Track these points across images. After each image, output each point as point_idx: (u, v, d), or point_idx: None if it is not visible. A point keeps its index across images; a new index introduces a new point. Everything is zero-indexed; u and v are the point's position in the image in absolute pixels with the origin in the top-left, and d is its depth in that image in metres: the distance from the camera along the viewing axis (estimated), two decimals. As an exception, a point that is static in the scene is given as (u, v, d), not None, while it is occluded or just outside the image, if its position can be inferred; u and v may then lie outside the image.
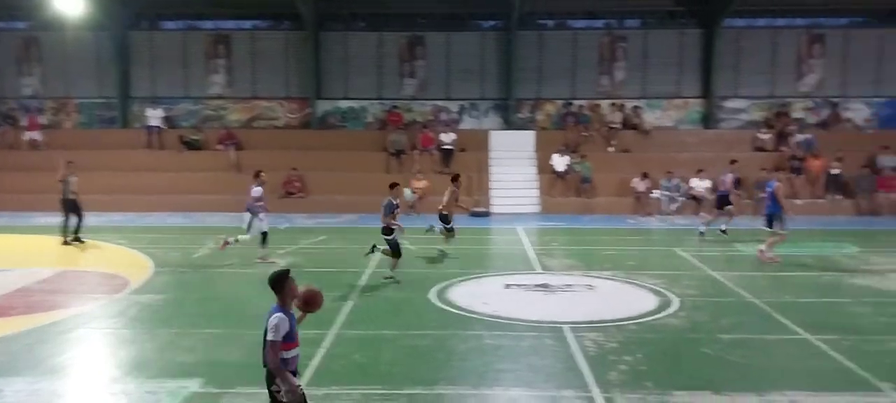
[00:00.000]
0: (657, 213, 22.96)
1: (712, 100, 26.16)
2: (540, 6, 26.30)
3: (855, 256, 15.99)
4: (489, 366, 9.05)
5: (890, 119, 26.17)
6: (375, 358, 9.33)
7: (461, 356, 9.51)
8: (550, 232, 20.11)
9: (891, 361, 9.19)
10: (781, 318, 11.09)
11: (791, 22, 26.50)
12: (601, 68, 26.82)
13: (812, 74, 26.34)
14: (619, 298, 12.60)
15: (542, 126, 26.78)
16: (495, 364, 9.13)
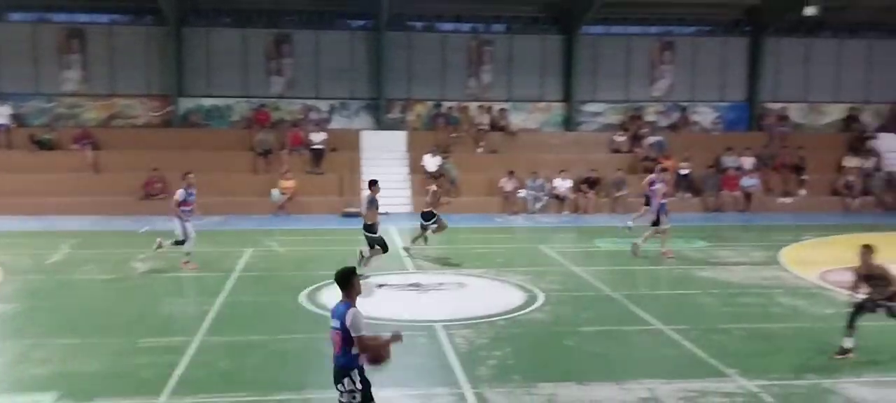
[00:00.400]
0: (523, 212, 23.67)
1: (573, 103, 27.23)
2: (408, 8, 26.50)
3: (703, 250, 17.12)
4: (361, 367, 9.08)
5: (733, 122, 28.15)
6: (242, 364, 9.15)
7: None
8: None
9: (736, 348, 9.94)
10: (638, 310, 11.74)
11: (644, 30, 28.00)
12: (469, 71, 27.33)
13: (663, 80, 27.94)
14: (489, 295, 12.94)
15: (413, 126, 26.99)
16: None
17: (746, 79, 27.85)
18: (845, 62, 28.21)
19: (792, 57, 28.00)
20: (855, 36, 28.28)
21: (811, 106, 28.41)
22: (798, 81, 28.20)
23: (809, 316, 11.57)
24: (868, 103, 28.49)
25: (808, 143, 26.64)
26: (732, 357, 9.45)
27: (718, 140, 26.89)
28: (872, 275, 9.30)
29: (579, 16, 25.98)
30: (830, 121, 28.50)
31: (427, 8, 26.89)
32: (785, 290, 13.18)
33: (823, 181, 25.71)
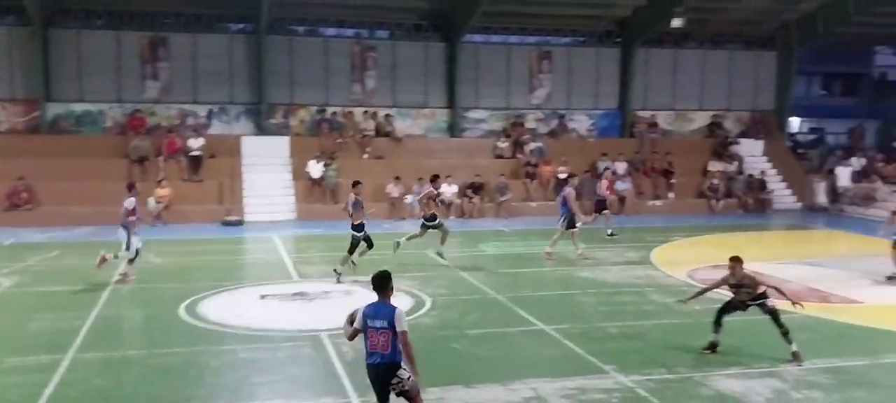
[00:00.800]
0: (410, 217, 23.78)
1: (457, 110, 27.63)
2: (290, 12, 26.13)
3: (582, 252, 17.72)
4: (244, 381, 8.91)
5: (607, 129, 29.31)
6: (118, 381, 8.81)
7: (214, 372, 9.27)
8: (307, 240, 20.09)
9: (613, 345, 10.40)
10: (521, 312, 12.07)
11: (522, 39, 28.77)
12: (353, 76, 27.23)
13: (542, 88, 28.79)
14: (375, 302, 12.93)
15: (296, 132, 26.61)
16: (251, 377, 9.01)
17: (618, 87, 29.08)
18: (709, 72, 29.96)
19: (660, 67, 29.47)
20: (717, 47, 30.09)
21: (678, 113, 30.00)
22: (666, 90, 29.72)
23: (678, 313, 12.18)
24: (730, 111, 30.35)
25: (676, 149, 28.11)
26: (610, 353, 9.88)
27: (593, 146, 27.95)
28: (742, 285, 9.79)
29: (461, 24, 26.40)
30: (696, 128, 30.16)
31: (309, 12, 26.60)
32: (657, 289, 13.86)
33: (690, 184, 27.19)
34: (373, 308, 6.73)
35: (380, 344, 6.62)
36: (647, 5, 26.84)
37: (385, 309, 6.68)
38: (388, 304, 6.72)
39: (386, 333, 6.59)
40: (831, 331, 11.39)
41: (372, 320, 6.67)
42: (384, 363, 6.64)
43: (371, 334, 6.66)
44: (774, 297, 9.81)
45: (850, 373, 9.30)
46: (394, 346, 6.60)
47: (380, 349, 6.63)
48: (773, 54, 30.26)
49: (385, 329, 6.59)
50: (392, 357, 6.63)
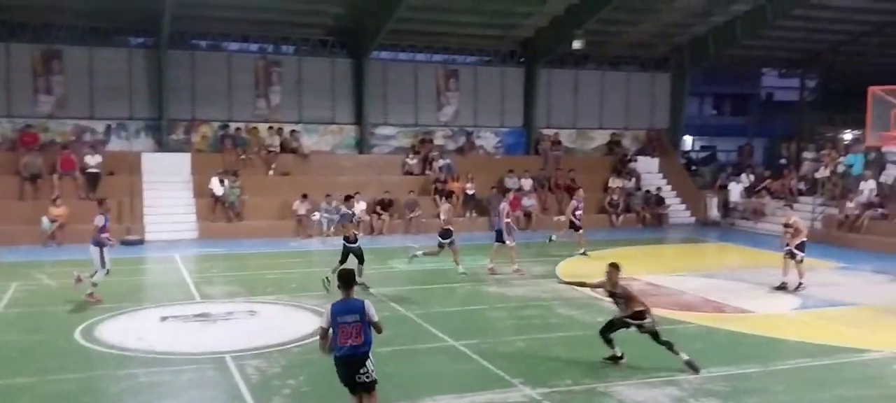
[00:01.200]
0: (318, 235, 23.55)
1: (365, 126, 27.59)
2: (192, 26, 25.54)
3: (491, 267, 17.96)
4: (146, 405, 8.62)
5: (513, 146, 29.91)
6: (10, 411, 8.37)
7: (113, 398, 8.95)
8: (210, 259, 19.58)
9: (520, 359, 10.58)
10: (431, 328, 12.13)
11: (429, 57, 29.06)
12: (258, 92, 26.81)
13: (449, 106, 29.12)
14: (282, 322, 12.76)
15: (198, 148, 25.96)
16: (152, 402, 8.72)
17: (523, 106, 29.74)
18: (607, 92, 31.03)
19: (562, 86, 30.33)
20: (615, 68, 31.21)
21: (579, 131, 30.89)
22: (568, 109, 30.59)
23: (583, 325, 12.55)
24: (628, 129, 31.48)
25: (579, 166, 28.91)
26: (517, 367, 10.06)
27: (500, 163, 28.43)
28: (616, 294, 10.03)
29: (368, 41, 26.42)
30: (596, 146, 31.14)
31: (212, 27, 26.06)
32: (562, 302, 14.19)
33: (592, 200, 27.89)
34: (341, 305, 7.30)
35: (352, 336, 7.20)
36: (549, 27, 27.59)
37: (354, 303, 7.31)
38: (356, 299, 7.37)
39: (357, 326, 7.20)
40: (725, 340, 11.94)
41: (342, 316, 7.23)
42: (355, 353, 7.22)
43: (342, 329, 7.20)
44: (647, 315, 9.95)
45: (745, 380, 9.77)
46: (365, 337, 7.23)
47: (352, 340, 7.20)
48: (667, 75, 31.60)
49: (357, 322, 7.21)
50: (363, 347, 7.24)
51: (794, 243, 15.57)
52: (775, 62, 35.78)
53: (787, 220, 16.18)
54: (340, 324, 7.22)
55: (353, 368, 7.26)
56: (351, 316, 7.22)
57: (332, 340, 7.31)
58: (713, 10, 27.04)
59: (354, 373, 7.27)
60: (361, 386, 7.31)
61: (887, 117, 17.42)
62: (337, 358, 7.32)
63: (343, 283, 7.45)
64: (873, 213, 23.08)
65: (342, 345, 7.23)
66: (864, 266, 18.93)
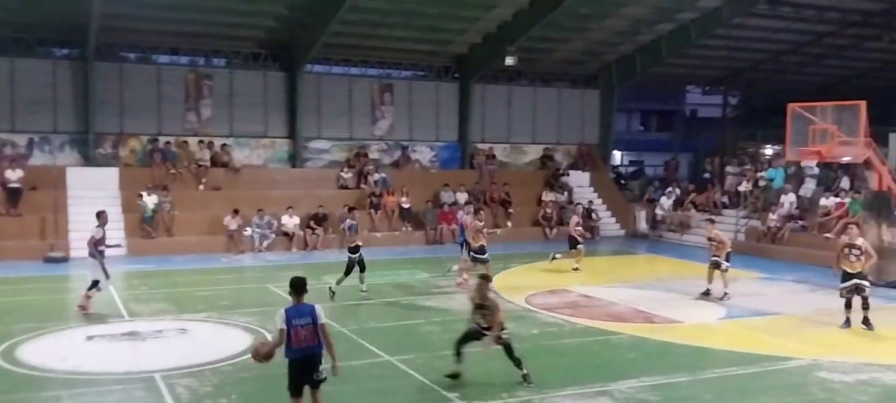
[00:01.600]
0: (250, 251, 23.19)
1: (298, 140, 27.33)
2: (120, 38, 24.92)
3: (425, 281, 18.04)
4: (72, 428, 8.35)
5: (448, 160, 30.07)
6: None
7: (302, 351, 8.62)
8: (139, 276, 19.06)
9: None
10: (366, 344, 12.08)
11: (364, 71, 29.00)
12: (188, 105, 26.29)
13: (384, 119, 29.11)
14: (214, 340, 12.53)
15: (126, 162, 25.28)
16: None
17: (458, 120, 29.95)
18: (540, 108, 31.52)
19: (496, 102, 30.68)
20: (547, 85, 31.72)
21: (513, 146, 31.27)
22: (502, 124, 30.95)
23: (518, 338, 12.60)
24: (559, 144, 32.01)
25: (513, 180, 29.25)
26: (454, 381, 10.10)
27: (436, 177, 28.55)
28: (484, 306, 9.97)
29: (301, 54, 26.22)
30: (530, 160, 31.55)
31: (141, 39, 25.46)
32: (497, 316, 14.30)
33: (526, 213, 28.37)
34: (294, 309, 7.79)
35: (306, 338, 7.68)
36: (482, 44, 27.92)
37: (306, 307, 7.81)
38: (307, 304, 7.85)
39: (310, 328, 7.69)
40: (656, 350, 12.25)
41: (296, 319, 7.69)
42: (312, 352, 7.74)
43: (296, 331, 7.64)
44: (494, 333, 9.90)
45: (675, 389, 10.05)
46: (317, 338, 7.73)
47: (307, 342, 7.69)
48: (596, 92, 32.30)
49: (309, 324, 7.69)
50: (318, 347, 7.77)
51: (722, 254, 16.11)
52: (699, 80, 36.95)
53: (709, 234, 16.79)
54: (295, 327, 7.64)
55: (310, 368, 7.73)
56: (304, 319, 7.70)
57: (286, 344, 7.69)
58: (639, 29, 27.81)
59: (312, 372, 7.75)
60: (314, 384, 7.81)
61: (806, 133, 18.19)
62: (293, 361, 7.73)
63: (294, 289, 7.88)
64: (793, 225, 24.02)
65: (297, 348, 7.65)
66: (786, 276, 19.68)
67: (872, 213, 18.56)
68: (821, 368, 11.00)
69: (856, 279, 13.34)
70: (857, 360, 11.37)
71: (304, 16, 24.60)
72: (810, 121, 18.08)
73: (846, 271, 13.49)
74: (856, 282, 13.34)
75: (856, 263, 13.38)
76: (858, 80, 34.38)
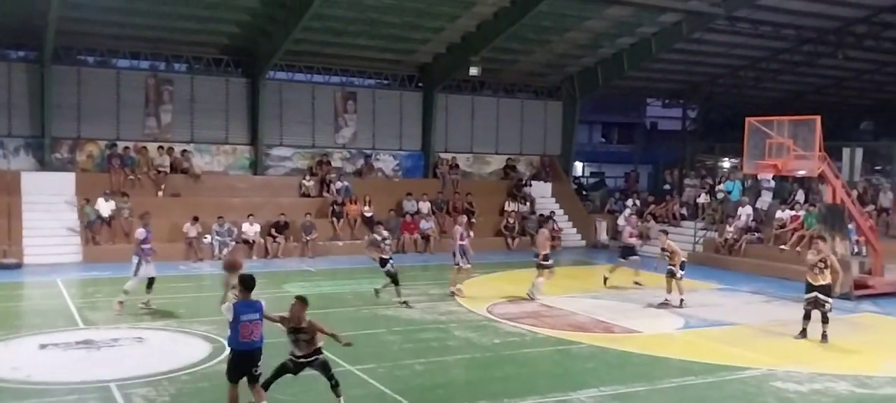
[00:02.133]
0: (209, 258, 22.90)
1: (260, 147, 27.10)
2: (78, 41, 24.50)
3: (386, 290, 17.93)
4: (23, 439, 8.16)
5: (411, 169, 30.06)
6: None
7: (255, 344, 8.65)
8: (95, 283, 18.70)
9: (417, 382, 10.63)
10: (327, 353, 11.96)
11: (327, 79, 28.89)
12: (147, 110, 25.92)
13: (347, 128, 29.01)
14: (171, 349, 12.34)
15: (83, 168, 24.82)
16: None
17: (421, 130, 29.98)
18: (503, 118, 31.70)
19: (459, 111, 30.77)
20: (510, 95, 31.92)
21: (476, 156, 31.39)
22: (465, 134, 31.04)
23: (480, 347, 12.73)
24: (522, 155, 32.22)
25: (476, 190, 29.34)
26: (415, 391, 10.10)
27: (399, 185, 28.51)
28: (301, 329, 8.83)
29: (263, 61, 26.02)
30: (493, 170, 31.72)
31: (99, 43, 25.03)
32: (459, 324, 14.35)
33: (489, 223, 28.45)
34: (244, 305, 8.34)
35: (253, 333, 8.26)
36: (446, 54, 28.01)
37: (255, 304, 8.38)
38: (256, 301, 8.42)
39: (257, 323, 8.24)
40: (615, 359, 12.37)
41: (245, 314, 8.23)
42: (254, 347, 8.33)
43: (243, 326, 8.19)
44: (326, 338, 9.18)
45: (633, 399, 10.15)
46: (261, 334, 8.30)
47: (252, 337, 8.28)
48: (559, 104, 32.59)
49: (257, 320, 8.26)
50: (260, 343, 8.36)
51: (675, 263, 16.41)
52: (659, 93, 37.52)
53: (662, 244, 17.12)
54: (243, 322, 8.20)
55: (251, 362, 8.29)
56: (252, 315, 8.24)
57: (233, 336, 8.31)
58: (601, 42, 28.16)
59: (252, 366, 8.30)
60: (252, 378, 8.37)
61: (762, 146, 18.54)
62: (237, 353, 8.34)
63: (244, 286, 8.46)
64: (750, 237, 24.47)
65: (244, 340, 8.22)
66: (743, 287, 20.03)
67: (827, 226, 18.98)
68: (776, 378, 11.21)
69: (817, 292, 13.59)
70: (811, 370, 11.61)
71: (266, 22, 24.45)
72: (767, 135, 18.43)
73: (809, 283, 13.74)
74: (816, 295, 13.60)
75: (819, 276, 13.62)
76: (813, 96, 35.24)
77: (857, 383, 11.08)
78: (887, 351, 13.58)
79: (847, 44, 28.51)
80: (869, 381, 11.22)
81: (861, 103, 39.10)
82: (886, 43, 29.08)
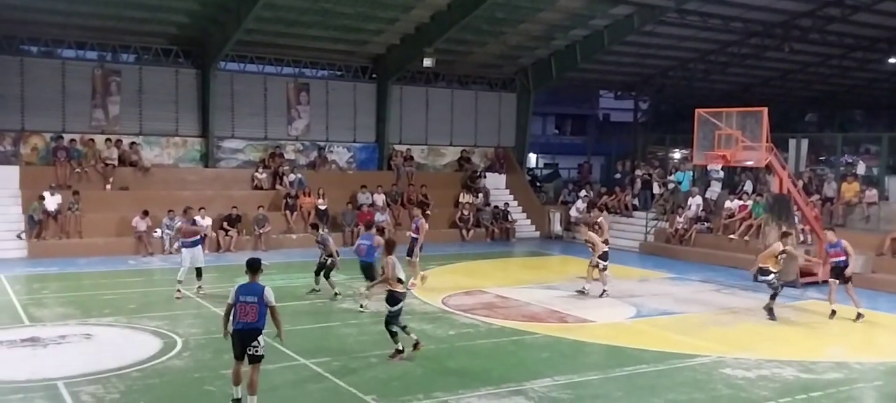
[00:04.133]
0: (160, 253, 22.49)
1: (211, 139, 26.65)
2: (21, 30, 23.78)
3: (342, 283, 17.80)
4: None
5: (366, 161, 29.89)
6: None
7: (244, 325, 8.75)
8: (41, 279, 18.23)
9: (372, 375, 10.61)
10: (280, 347, 11.84)
11: (279, 70, 28.52)
12: (94, 101, 25.29)
13: (300, 119, 28.70)
14: (120, 345, 12.11)
15: (28, 161, 24.13)
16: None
17: (375, 121, 29.82)
18: (457, 110, 31.71)
19: (414, 103, 30.68)
20: (464, 87, 31.95)
21: (431, 148, 31.37)
22: (420, 125, 30.99)
23: (435, 339, 12.75)
24: (476, 146, 32.31)
25: (431, 182, 29.33)
26: (370, 383, 10.07)
27: (353, 178, 28.33)
28: None
29: (214, 51, 25.57)
30: (448, 162, 31.73)
31: (44, 32, 24.33)
32: (414, 316, 14.30)
33: (444, 215, 28.48)
34: (245, 287, 8.81)
35: (249, 314, 8.64)
36: (400, 45, 27.88)
37: (256, 287, 8.81)
38: (258, 283, 8.84)
39: (254, 306, 8.65)
40: (569, 349, 12.51)
41: (244, 296, 8.72)
42: (250, 328, 8.66)
43: (241, 306, 8.67)
44: None
45: (586, 387, 10.28)
46: (260, 316, 8.66)
47: (248, 318, 8.65)
48: (513, 95, 32.73)
49: (254, 302, 8.66)
50: (257, 324, 8.68)
51: (596, 254, 16.75)
52: (611, 85, 37.94)
53: (584, 237, 17.43)
54: (241, 303, 8.68)
55: (246, 341, 8.65)
56: (251, 297, 8.68)
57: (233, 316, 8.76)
58: (554, 34, 28.35)
59: (247, 346, 8.66)
60: (250, 359, 8.68)
61: (712, 138, 18.89)
62: (234, 332, 8.77)
63: (250, 269, 8.98)
64: (700, 227, 24.94)
65: (240, 321, 8.66)
66: (693, 276, 20.41)
67: (773, 215, 19.44)
68: (725, 365, 11.46)
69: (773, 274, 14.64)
70: (758, 357, 11.90)
71: (217, 12, 24.04)
72: (716, 127, 18.78)
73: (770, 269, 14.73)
74: None
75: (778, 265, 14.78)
76: (760, 88, 36.01)
77: (802, 368, 11.38)
78: (831, 338, 13.99)
79: (793, 37, 29.17)
80: (813, 366, 11.54)
81: (806, 95, 40.10)
82: (831, 36, 29.85)
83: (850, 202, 22.91)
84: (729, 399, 9.94)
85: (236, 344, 8.75)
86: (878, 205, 22.36)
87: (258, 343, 8.68)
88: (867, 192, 22.88)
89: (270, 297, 8.73)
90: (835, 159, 27.07)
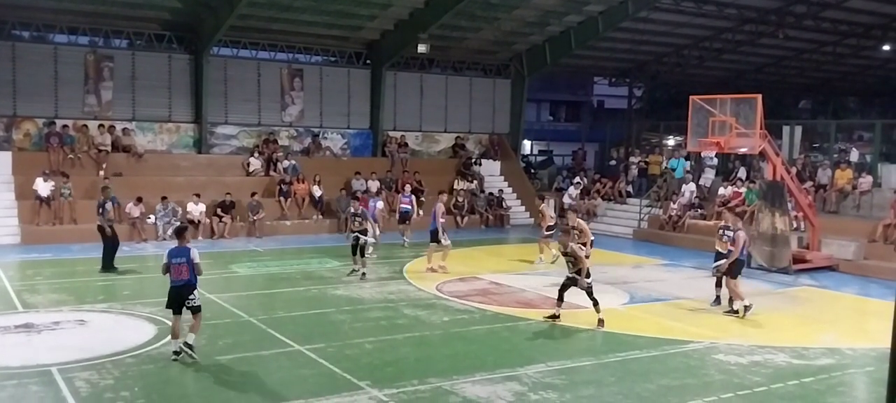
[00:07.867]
0: (153, 239, 22.45)
1: (204, 125, 26.56)
2: (12, 15, 23.61)
3: (336, 270, 17.88)
4: (-39, 426, 7.92)
5: (360, 148, 29.85)
6: None
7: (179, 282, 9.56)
8: (35, 265, 18.18)
9: (367, 361, 10.63)
10: (275, 333, 11.91)
11: (273, 56, 28.40)
12: (87, 87, 25.17)
13: (294, 105, 28.62)
14: (115, 331, 12.10)
15: (20, 147, 24.01)
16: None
17: (369, 108, 29.75)
18: (452, 96, 31.65)
19: (408, 89, 30.63)
20: (458, 73, 31.88)
21: (425, 134, 31.33)
22: (414, 112, 30.93)
23: (429, 325, 12.79)
24: (471, 133, 32.27)
25: (425, 168, 29.30)
26: (364, 369, 10.10)
27: (347, 164, 28.29)
28: (566, 254, 10.87)
29: (207, 37, 25.44)
30: (442, 149, 31.70)
31: (35, 17, 24.16)
32: (408, 303, 14.37)
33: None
34: (175, 250, 10.39)
35: (183, 273, 10.27)
36: (394, 31, 27.79)
37: (184, 250, 10.36)
38: (185, 247, 10.41)
39: (184, 265, 10.26)
40: (561, 335, 12.56)
41: (176, 258, 10.31)
42: (184, 283, 10.28)
43: (174, 267, 10.28)
44: None
45: (579, 373, 10.33)
46: (191, 272, 10.29)
47: (183, 276, 10.26)
48: (507, 82, 32.68)
49: (184, 263, 10.27)
50: (188, 280, 10.31)
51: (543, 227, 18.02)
52: (606, 71, 37.91)
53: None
54: (174, 264, 10.27)
55: (184, 294, 10.24)
56: (182, 258, 10.27)
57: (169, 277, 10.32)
58: (549, 20, 28.28)
59: (183, 300, 10.24)
60: (192, 310, 10.31)
61: (706, 124, 18.91)
62: (171, 289, 10.33)
63: (177, 234, 10.81)
64: (693, 214, 25.00)
65: (175, 279, 10.29)
66: (686, 263, 20.48)
67: (767, 202, 19.50)
68: (718, 351, 11.52)
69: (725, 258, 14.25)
70: (751, 343, 11.96)
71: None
72: (710, 113, 18.79)
73: (719, 251, 14.49)
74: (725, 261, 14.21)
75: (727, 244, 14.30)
76: (755, 75, 36.06)
77: (794, 355, 11.45)
78: (823, 324, 14.07)
79: (787, 24, 29.19)
80: (806, 353, 11.61)
81: (800, 82, 40.17)
82: (825, 23, 29.87)
83: (843, 189, 22.99)
84: (721, 385, 10.00)
85: (174, 299, 10.28)
86: (871, 193, 22.44)
87: (194, 295, 10.31)
88: (861, 180, 22.97)
89: (196, 256, 10.32)
90: (828, 146, 27.14)
